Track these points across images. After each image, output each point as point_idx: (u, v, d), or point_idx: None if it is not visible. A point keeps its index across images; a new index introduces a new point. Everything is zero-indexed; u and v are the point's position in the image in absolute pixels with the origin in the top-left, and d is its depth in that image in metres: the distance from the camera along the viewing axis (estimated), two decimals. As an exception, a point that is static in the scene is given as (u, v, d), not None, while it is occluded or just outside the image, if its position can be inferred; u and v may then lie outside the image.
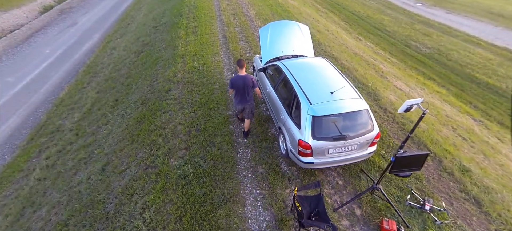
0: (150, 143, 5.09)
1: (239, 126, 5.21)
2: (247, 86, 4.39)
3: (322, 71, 4.49)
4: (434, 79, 11.56)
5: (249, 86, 4.41)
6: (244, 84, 4.37)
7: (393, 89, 7.76)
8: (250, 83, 4.39)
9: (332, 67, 4.64)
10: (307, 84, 4.06)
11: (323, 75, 4.39)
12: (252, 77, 4.43)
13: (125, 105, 6.87)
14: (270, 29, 5.65)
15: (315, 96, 3.81)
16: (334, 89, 3.87)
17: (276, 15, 10.83)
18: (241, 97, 4.49)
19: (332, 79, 4.26)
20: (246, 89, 4.42)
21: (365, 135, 3.68)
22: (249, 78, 4.39)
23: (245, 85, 4.38)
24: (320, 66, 4.65)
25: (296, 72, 4.37)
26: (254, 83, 4.45)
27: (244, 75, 4.39)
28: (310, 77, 4.29)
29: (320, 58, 5.01)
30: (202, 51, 7.83)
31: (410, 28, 16.90)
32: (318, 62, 4.83)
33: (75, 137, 6.64)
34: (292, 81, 4.19)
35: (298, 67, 4.60)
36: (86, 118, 7.32)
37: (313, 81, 4.19)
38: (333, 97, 3.78)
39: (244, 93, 4.46)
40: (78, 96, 8.77)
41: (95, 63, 10.86)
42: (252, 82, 4.41)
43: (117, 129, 6.07)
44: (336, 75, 4.40)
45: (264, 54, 5.54)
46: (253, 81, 4.42)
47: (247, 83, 4.37)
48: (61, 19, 16.38)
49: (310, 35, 5.82)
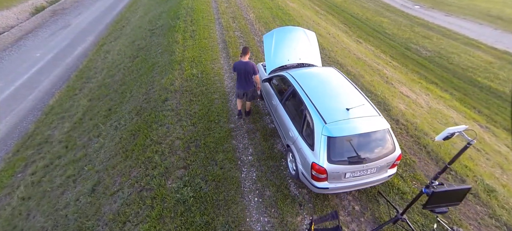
0: (145, 160, 4.61)
1: (242, 141, 4.76)
2: (247, 72, 4.58)
3: (334, 83, 4.07)
4: (437, 83, 11.29)
5: (249, 72, 4.60)
6: (245, 70, 4.57)
7: (400, 96, 7.39)
8: (250, 70, 4.57)
9: (344, 78, 4.22)
10: (319, 99, 3.63)
11: (335, 87, 3.97)
12: (253, 65, 4.59)
13: (119, 115, 6.36)
14: (274, 36, 5.21)
15: (330, 113, 3.39)
16: (350, 105, 3.44)
17: (277, 18, 10.39)
18: (241, 82, 4.71)
19: (346, 93, 3.84)
20: (246, 75, 4.61)
21: (386, 157, 3.27)
22: (250, 65, 4.55)
23: (246, 71, 4.58)
24: (331, 77, 4.23)
25: (306, 85, 3.93)
26: (255, 70, 4.60)
27: (246, 61, 4.59)
28: (322, 91, 3.86)
29: (330, 68, 4.58)
30: (201, 57, 7.35)
31: (409, 30, 16.66)
32: (328, 72, 4.40)
33: (64, 150, 6.11)
34: (302, 95, 3.76)
35: (307, 78, 4.17)
36: (77, 128, 6.79)
37: (326, 95, 3.76)
38: (350, 114, 3.36)
39: (245, 79, 4.65)
40: (69, 103, 8.22)
41: (88, 67, 10.29)
42: (252, 69, 4.57)
43: (109, 143, 5.57)
44: (349, 87, 3.99)
45: (269, 62, 5.10)
46: (253, 68, 4.58)
47: (248, 69, 4.57)
48: (53, 20, 15.71)
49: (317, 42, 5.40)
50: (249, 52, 4.69)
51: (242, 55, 4.67)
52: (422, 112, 6.78)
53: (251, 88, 4.76)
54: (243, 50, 4.68)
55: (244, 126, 5.08)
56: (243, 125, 5.11)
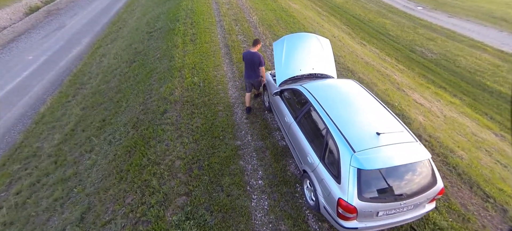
0: (141, 184, 4.04)
1: (250, 162, 4.20)
2: (253, 62, 4.58)
3: (357, 99, 3.52)
4: (445, 87, 10.83)
5: (255, 62, 4.57)
6: (252, 61, 4.58)
7: (414, 105, 6.88)
8: (256, 60, 4.54)
9: (367, 93, 3.68)
10: (343, 120, 3.09)
11: (359, 105, 3.42)
12: (260, 56, 4.54)
13: (114, 128, 5.78)
14: (285, 43, 4.65)
15: (358, 139, 2.84)
16: (381, 128, 2.90)
17: (281, 20, 9.82)
18: (247, 72, 4.75)
19: (372, 111, 3.30)
20: (252, 65, 4.62)
21: (426, 192, 2.74)
22: (257, 56, 4.54)
23: (252, 62, 4.58)
24: (352, 92, 3.69)
25: (326, 101, 3.39)
26: (261, 61, 4.56)
27: (254, 52, 4.58)
28: (345, 109, 3.32)
29: (349, 80, 4.04)
30: (202, 63, 6.77)
31: (413, 32, 16.19)
32: (348, 86, 3.86)
33: (53, 166, 5.52)
34: (322, 115, 3.21)
35: (326, 93, 3.62)
36: (68, 141, 6.19)
37: (350, 115, 3.21)
38: (381, 140, 2.82)
39: (251, 69, 4.67)
40: (61, 111, 7.61)
41: (82, 72, 9.66)
42: (258, 60, 4.54)
43: (102, 160, 4.99)
44: (374, 104, 3.45)
45: (279, 72, 4.54)
46: (259, 59, 4.54)
47: (254, 60, 4.55)
48: (47, 21, 14.99)
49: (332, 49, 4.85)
50: (259, 44, 4.70)
51: (252, 45, 4.71)
52: (440, 123, 6.28)
53: (256, 79, 4.78)
54: (254, 41, 4.72)
55: (252, 144, 4.52)
56: (250, 142, 4.55)
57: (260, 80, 4.87)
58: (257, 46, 4.66)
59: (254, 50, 4.61)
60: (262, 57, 4.61)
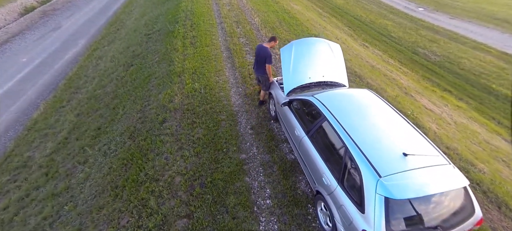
0: (138, 204, 3.67)
1: (257, 178, 3.84)
2: (260, 56, 4.51)
3: (376, 113, 3.17)
4: (450, 90, 10.54)
5: (262, 58, 4.47)
6: (259, 55, 4.52)
7: (425, 111, 6.56)
8: (263, 56, 4.44)
9: (385, 104, 3.34)
10: (363, 137, 2.73)
11: (379, 119, 3.07)
12: (267, 52, 4.41)
13: (109, 137, 5.39)
14: (293, 49, 4.29)
15: (382, 161, 2.49)
16: (407, 148, 2.56)
17: (284, 22, 9.45)
18: (255, 65, 4.72)
19: (394, 127, 2.95)
20: (259, 59, 4.55)
21: (464, 223, 2.40)
22: (264, 51, 4.43)
23: (259, 56, 4.52)
24: (370, 104, 3.34)
25: (342, 115, 3.03)
26: (266, 58, 4.42)
27: (264, 46, 4.48)
28: (364, 124, 2.96)
29: (364, 90, 3.69)
30: (203, 68, 6.39)
31: (415, 34, 15.90)
32: (364, 97, 3.50)
33: (44, 178, 5.12)
34: (340, 132, 2.86)
35: (341, 105, 3.27)
36: (61, 150, 5.79)
37: (371, 132, 2.86)
38: (410, 162, 2.47)
39: (257, 62, 4.62)
40: (55, 117, 7.20)
41: (78, 75, 9.25)
42: (265, 56, 4.41)
43: (97, 174, 4.61)
44: (395, 117, 3.10)
45: (287, 80, 4.19)
46: (265, 55, 4.41)
47: (261, 54, 4.47)
48: (42, 22, 14.52)
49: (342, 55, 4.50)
50: (273, 42, 4.57)
51: (267, 41, 4.65)
52: (453, 131, 5.96)
53: (262, 75, 4.66)
54: (270, 38, 4.64)
55: (258, 157, 4.16)
56: (256, 156, 4.19)
57: (266, 78, 4.68)
58: (271, 42, 4.57)
59: (266, 45, 4.53)
60: (270, 54, 4.45)
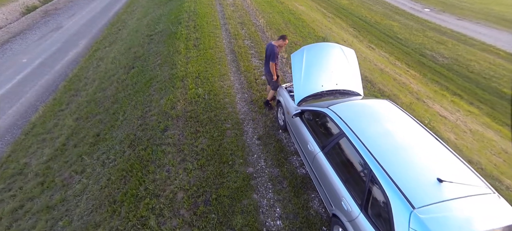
0: (137, 222, 3.36)
1: (266, 195, 3.53)
2: (266, 54, 4.47)
3: (400, 129, 2.84)
4: (460, 95, 10.18)
5: (267, 55, 4.42)
6: (266, 52, 4.50)
7: (440, 119, 6.21)
8: (268, 53, 4.38)
9: (409, 118, 3.01)
10: (389, 159, 2.41)
11: (405, 136, 2.74)
12: (272, 50, 4.29)
13: (108, 145, 5.09)
14: (305, 54, 3.97)
15: (414, 188, 2.17)
16: (442, 173, 2.23)
17: (289, 24, 9.12)
18: (264, 63, 4.63)
19: (423, 146, 2.62)
20: (266, 57, 4.52)
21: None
22: (270, 49, 4.34)
23: (266, 53, 4.50)
24: (392, 118, 3.01)
25: (363, 131, 2.71)
26: (270, 55, 4.30)
27: (271, 44, 4.40)
28: (389, 143, 2.64)
29: (384, 101, 3.36)
30: (207, 72, 6.07)
31: (422, 35, 15.50)
32: (385, 109, 3.17)
33: (40, 188, 4.84)
34: (362, 151, 2.53)
35: (361, 120, 2.94)
36: (58, 157, 5.51)
37: (397, 152, 2.53)
38: (446, 190, 2.14)
39: (265, 60, 4.55)
40: (53, 122, 6.92)
41: (78, 77, 8.97)
42: (268, 53, 4.33)
43: (94, 186, 4.31)
44: (422, 134, 2.77)
45: (298, 88, 3.86)
46: (268, 51, 4.34)
47: (267, 52, 4.45)
48: (44, 22, 14.26)
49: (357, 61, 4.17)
50: (281, 40, 4.41)
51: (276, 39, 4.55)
52: (470, 140, 5.61)
53: (268, 73, 4.57)
54: (280, 36, 4.52)
55: (266, 171, 3.85)
56: (264, 170, 3.87)
57: (270, 78, 4.55)
58: (279, 41, 4.43)
59: (274, 43, 4.41)
60: (275, 52, 4.30)
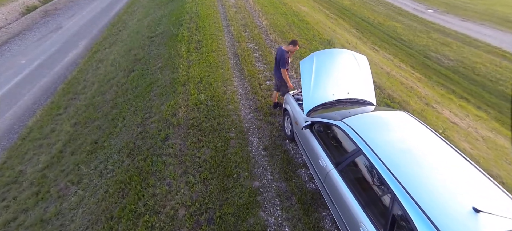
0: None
1: (273, 212, 3.26)
2: (276, 59, 4.31)
3: (423, 146, 2.57)
4: (467, 98, 9.92)
5: (277, 60, 4.26)
6: (276, 57, 4.32)
7: (451, 126, 5.94)
8: (278, 59, 4.21)
9: (430, 132, 2.75)
10: (416, 183, 2.14)
11: (429, 155, 2.46)
12: (283, 56, 4.10)
13: (107, 154, 4.84)
14: (315, 61, 3.70)
15: (447, 219, 1.90)
16: (477, 201, 1.97)
17: (294, 26, 8.84)
18: (274, 67, 4.47)
19: (452, 167, 2.35)
20: (276, 62, 4.34)
21: None
22: (280, 54, 4.19)
23: (276, 58, 4.32)
24: (414, 133, 2.74)
25: (382, 149, 2.44)
26: (281, 60, 4.12)
27: (282, 48, 4.24)
28: (413, 163, 2.37)
29: (402, 113, 3.09)
30: (210, 76, 5.80)
31: (426, 37, 15.22)
32: (405, 122, 2.90)
33: (34, 198, 4.58)
34: (384, 174, 2.27)
35: (379, 135, 2.67)
36: (55, 165, 5.25)
37: (424, 174, 2.26)
38: (485, 223, 1.88)
39: (276, 65, 4.37)
40: (51, 126, 6.67)
41: (77, 79, 8.71)
42: (279, 58, 4.16)
43: (90, 198, 4.05)
44: (448, 152, 2.51)
45: (307, 97, 3.60)
46: (278, 56, 4.16)
47: (277, 57, 4.27)
48: (43, 22, 14.00)
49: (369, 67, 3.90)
50: (291, 46, 4.17)
51: (287, 43, 4.34)
52: (484, 149, 5.35)
53: (277, 79, 4.44)
54: (290, 41, 4.28)
55: (273, 186, 3.58)
56: (271, 184, 3.61)
57: (283, 83, 4.35)
58: (289, 46, 4.20)
59: (284, 47, 4.23)
60: (285, 58, 4.10)
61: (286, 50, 4.17)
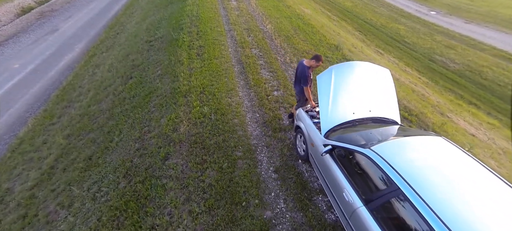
0: None
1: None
2: (297, 75, 3.99)
3: (475, 182, 2.15)
4: (476, 104, 9.57)
5: (297, 76, 3.95)
6: (296, 71, 4.01)
7: (471, 139, 5.54)
8: (298, 75, 3.89)
9: (477, 164, 2.33)
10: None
11: (488, 196, 2.04)
12: (303, 73, 3.72)
13: (101, 173, 4.38)
14: (333, 76, 3.27)
15: None
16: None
17: (299, 30, 8.40)
18: (294, 80, 4.16)
19: (508, 206, 1.95)
20: (296, 77, 4.03)
21: None
22: (300, 70, 3.81)
23: (296, 73, 4.00)
24: (460, 165, 2.32)
25: (428, 190, 2.02)
26: (301, 78, 3.78)
27: (303, 64, 3.85)
28: (469, 209, 1.93)
29: (438, 139, 2.67)
30: (213, 86, 5.36)
31: (430, 39, 14.86)
32: (444, 151, 2.49)
33: (20, 223, 4.12)
34: (435, 225, 1.84)
35: (420, 169, 2.24)
36: (45, 184, 4.79)
37: (481, 221, 1.85)
38: None
39: (295, 78, 4.07)
40: (42, 138, 6.20)
41: (73, 85, 8.23)
42: (300, 75, 3.81)
43: (81, 227, 3.60)
44: (498, 186, 2.10)
45: (325, 116, 3.17)
46: (300, 72, 3.80)
47: (297, 72, 3.96)
48: (39, 24, 13.47)
49: (393, 80, 3.47)
50: (313, 61, 3.76)
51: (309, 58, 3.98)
52: (510, 167, 4.95)
53: (297, 94, 4.11)
54: (313, 55, 3.89)
55: (287, 216, 3.15)
56: (285, 213, 3.18)
57: (303, 99, 4.02)
58: (311, 61, 3.81)
59: (306, 63, 3.83)
60: (306, 75, 3.71)
61: (308, 66, 3.77)
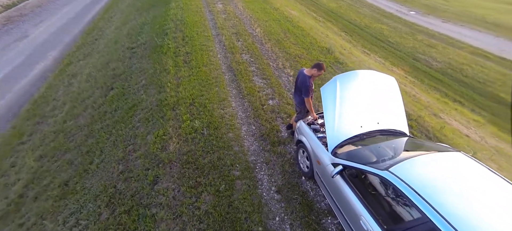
0: None
1: None
2: (297, 84, 3.73)
3: (501, 204, 1.94)
4: (460, 101, 9.80)
5: (298, 86, 3.68)
6: (296, 81, 3.75)
7: (467, 141, 5.52)
8: (299, 85, 3.62)
9: (502, 180, 2.13)
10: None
11: None
12: (304, 83, 3.44)
13: (79, 202, 3.83)
14: (338, 87, 2.99)
15: None
16: None
17: (289, 33, 8.14)
18: (294, 90, 3.91)
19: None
20: (296, 87, 3.77)
21: None
22: (300, 79, 3.55)
23: (296, 82, 3.74)
24: (488, 186, 2.10)
25: (462, 221, 1.77)
26: (302, 89, 3.48)
27: (303, 73, 3.57)
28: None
29: (458, 155, 2.45)
30: (203, 97, 4.93)
31: (412, 39, 15.24)
32: (469, 169, 2.27)
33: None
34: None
35: (447, 194, 1.99)
36: (11, 217, 4.15)
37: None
38: None
39: (295, 88, 3.81)
40: (10, 161, 5.47)
41: (45, 98, 7.44)
42: (300, 85, 3.55)
43: (57, 271, 3.08)
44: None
45: (331, 131, 2.88)
46: (301, 82, 3.53)
47: (297, 82, 3.70)
48: (6, 30, 12.28)
49: (399, 89, 3.26)
50: (315, 70, 3.45)
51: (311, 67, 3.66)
52: (507, 167, 4.94)
53: (297, 105, 3.81)
54: (314, 64, 3.58)
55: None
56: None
57: (303, 110, 3.75)
58: (313, 70, 3.49)
59: (307, 72, 3.54)
60: (307, 85, 3.41)
61: (309, 75, 3.45)
